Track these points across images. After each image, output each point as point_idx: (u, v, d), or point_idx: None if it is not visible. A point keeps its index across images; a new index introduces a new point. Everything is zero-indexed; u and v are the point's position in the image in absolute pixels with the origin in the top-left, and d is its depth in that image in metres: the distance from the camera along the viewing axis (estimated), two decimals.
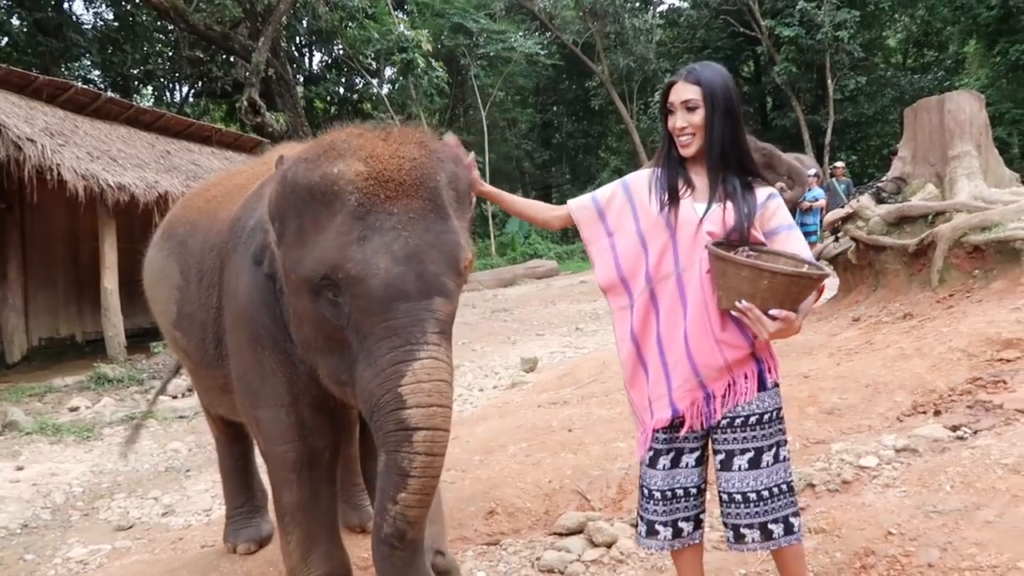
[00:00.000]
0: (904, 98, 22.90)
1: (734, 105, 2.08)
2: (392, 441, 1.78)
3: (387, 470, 1.80)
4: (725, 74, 2.12)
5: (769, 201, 2.11)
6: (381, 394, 1.78)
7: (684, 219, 2.09)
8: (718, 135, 2.06)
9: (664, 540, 2.17)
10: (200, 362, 2.78)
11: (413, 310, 1.77)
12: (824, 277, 1.95)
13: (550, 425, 4.80)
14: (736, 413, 2.07)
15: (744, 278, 1.90)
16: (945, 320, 5.33)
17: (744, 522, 2.07)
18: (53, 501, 4.87)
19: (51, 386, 8.23)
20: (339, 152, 1.89)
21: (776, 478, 2.07)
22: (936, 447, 3.41)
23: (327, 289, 1.83)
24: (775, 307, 1.88)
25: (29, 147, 8.00)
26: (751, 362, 2.08)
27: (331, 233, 1.82)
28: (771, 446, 2.08)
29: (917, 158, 7.34)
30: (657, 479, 2.15)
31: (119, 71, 22.84)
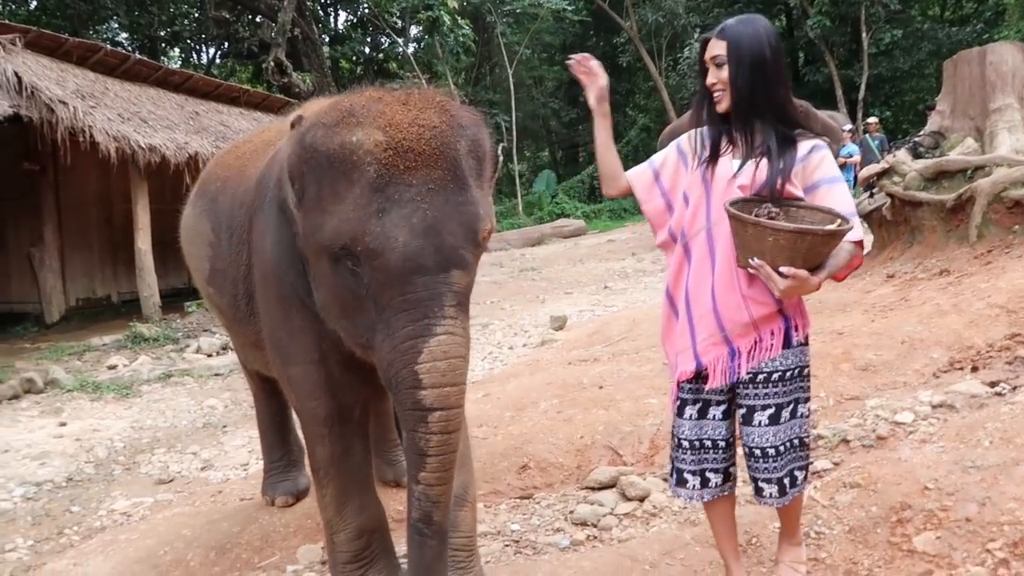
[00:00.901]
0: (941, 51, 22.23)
1: (766, 60, 2.03)
2: (410, 420, 1.82)
3: (408, 450, 1.86)
4: (760, 27, 2.06)
5: (812, 154, 2.06)
6: (399, 368, 1.80)
7: (720, 175, 2.10)
8: (745, 90, 2.03)
9: (693, 489, 2.22)
10: (233, 318, 2.82)
11: (431, 283, 1.77)
12: (833, 233, 1.89)
13: (581, 382, 4.81)
14: (759, 369, 2.08)
15: (752, 236, 1.91)
16: (983, 276, 5.23)
17: (762, 476, 2.12)
18: (96, 456, 4.99)
19: (89, 345, 8.40)
20: (358, 119, 1.84)
21: (791, 433, 2.11)
22: (974, 403, 3.38)
23: (346, 259, 1.83)
24: (784, 264, 1.88)
25: (61, 109, 8.07)
26: (778, 319, 2.08)
27: (349, 204, 1.79)
28: (790, 403, 2.10)
29: (956, 112, 7.15)
30: (685, 428, 2.21)
31: (146, 33, 22.87)
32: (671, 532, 2.83)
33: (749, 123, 2.07)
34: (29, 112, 8.07)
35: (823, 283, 1.96)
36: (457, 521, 2.37)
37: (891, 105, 24.27)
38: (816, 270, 1.92)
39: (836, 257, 1.94)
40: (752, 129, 2.07)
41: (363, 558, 2.44)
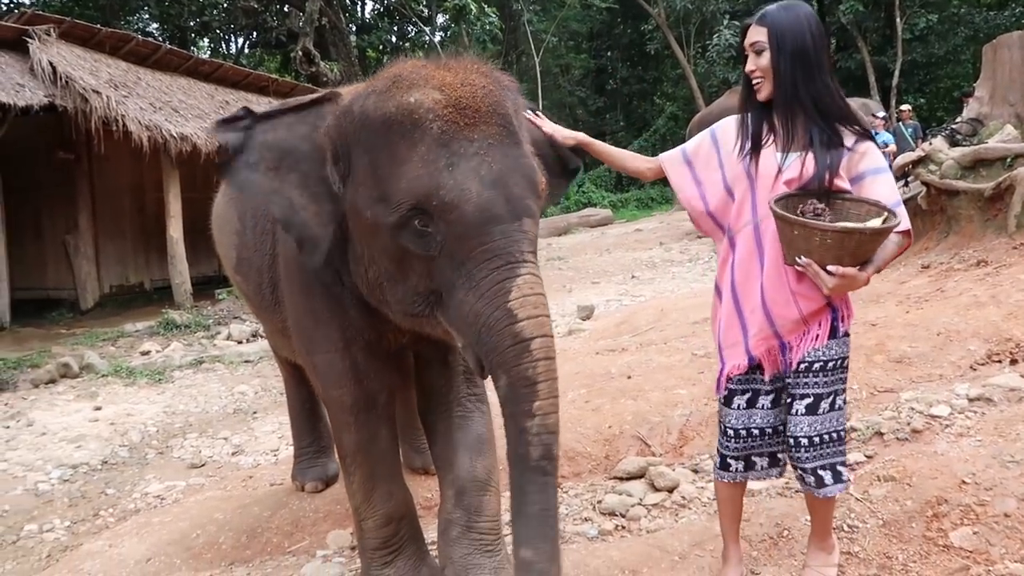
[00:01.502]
0: (978, 37, 21.72)
1: (808, 47, 1.99)
2: (511, 356, 1.76)
3: (512, 389, 1.77)
4: (803, 15, 2.02)
5: (857, 145, 2.04)
6: (490, 312, 1.77)
7: (764, 168, 2.07)
8: (787, 79, 2.00)
9: (736, 472, 2.25)
10: (260, 306, 2.86)
11: (508, 231, 1.79)
12: (880, 231, 1.87)
13: (609, 372, 4.79)
14: (802, 358, 2.08)
15: (799, 236, 1.89)
16: (1022, 267, 5.12)
17: (801, 466, 2.13)
18: (130, 440, 5.08)
19: (123, 331, 8.55)
20: (410, 82, 1.87)
21: (828, 426, 2.11)
22: (1013, 396, 3.30)
23: (416, 219, 1.81)
24: (832, 262, 1.86)
25: (95, 98, 8.18)
26: (827, 311, 2.07)
27: (416, 163, 1.80)
28: (829, 394, 2.10)
29: (996, 98, 6.99)
30: (731, 418, 2.21)
31: (176, 23, 23.09)
32: (701, 523, 2.81)
33: (791, 112, 2.03)
34: (64, 102, 8.19)
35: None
36: (482, 505, 2.40)
37: (925, 92, 23.80)
38: (864, 265, 1.91)
39: (884, 250, 1.93)
40: (794, 119, 2.03)
41: (392, 545, 2.46)
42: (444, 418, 2.51)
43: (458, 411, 2.51)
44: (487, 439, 2.52)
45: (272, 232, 2.56)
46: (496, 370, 1.80)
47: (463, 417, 2.50)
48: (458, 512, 2.39)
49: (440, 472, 2.53)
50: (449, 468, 2.46)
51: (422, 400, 2.60)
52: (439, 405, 2.53)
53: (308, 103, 2.06)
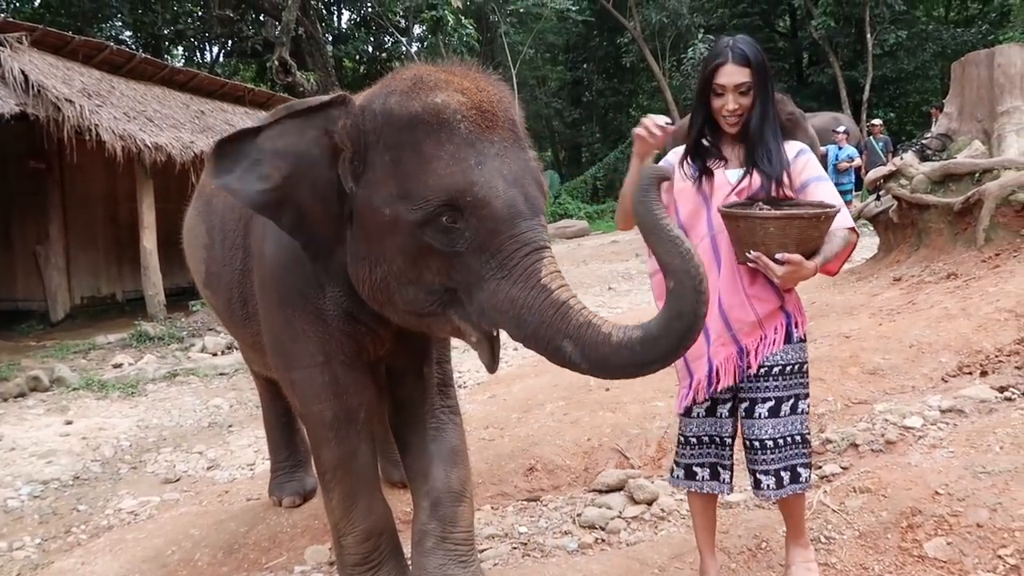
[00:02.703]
0: (946, 53, 22.17)
1: (771, 78, 2.17)
2: (559, 320, 1.79)
3: (579, 341, 1.77)
4: (758, 46, 2.17)
5: (799, 157, 2.18)
6: (526, 293, 1.82)
7: (718, 185, 2.19)
8: (760, 114, 2.12)
9: (703, 481, 2.30)
10: (230, 321, 2.85)
11: (531, 226, 1.87)
12: (819, 216, 1.97)
13: (587, 384, 4.80)
14: (761, 363, 2.17)
15: (744, 229, 2.02)
16: (991, 280, 5.22)
17: (760, 468, 2.19)
18: (102, 454, 5.00)
19: (94, 343, 8.42)
20: (433, 84, 1.93)
21: (791, 428, 2.19)
22: (983, 408, 3.36)
23: (444, 215, 1.84)
24: (778, 251, 1.96)
25: (68, 107, 8.08)
26: (780, 315, 2.18)
27: (446, 160, 1.85)
28: (790, 397, 2.19)
29: (964, 114, 7.14)
30: (692, 426, 2.29)
31: (150, 31, 22.89)
32: (680, 535, 2.82)
33: (760, 136, 2.13)
34: (35, 110, 8.08)
35: (819, 270, 2.05)
36: (457, 516, 2.41)
37: (895, 106, 24.22)
38: (811, 256, 1.99)
39: (830, 243, 2.03)
40: (752, 140, 2.14)
41: (371, 560, 2.45)
42: (417, 431, 2.51)
43: (432, 423, 2.51)
44: (461, 450, 2.53)
45: (242, 247, 2.56)
46: (553, 340, 1.80)
47: (437, 429, 2.51)
48: (433, 523, 2.39)
49: (413, 484, 2.52)
50: (423, 480, 2.45)
51: (395, 413, 2.59)
52: (412, 418, 2.53)
53: (317, 106, 2.04)
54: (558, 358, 1.82)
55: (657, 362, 1.76)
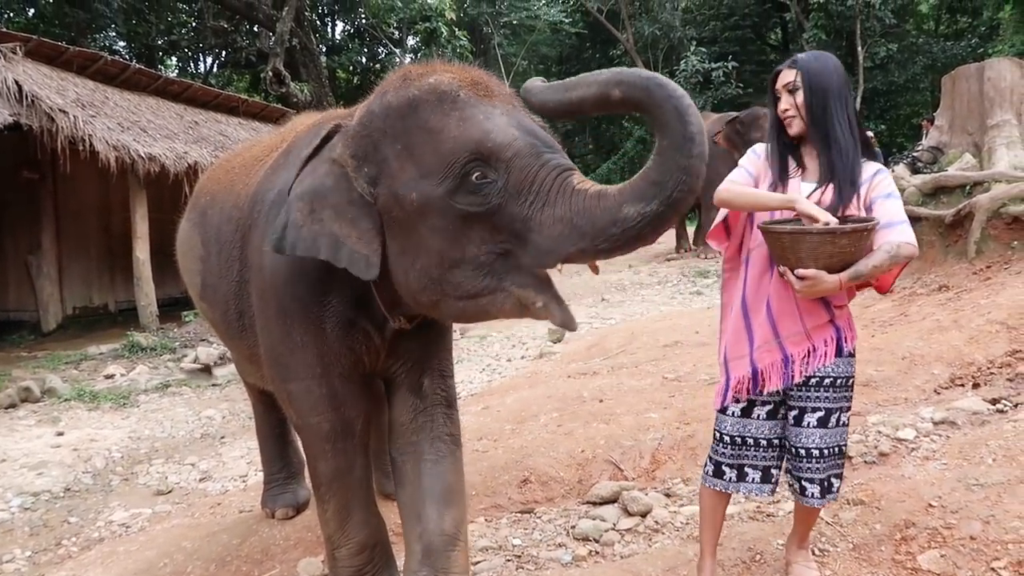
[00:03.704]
0: (936, 66, 22.37)
1: (836, 86, 2.16)
2: (604, 208, 1.76)
3: (633, 196, 1.74)
4: (829, 60, 2.21)
5: (875, 176, 2.19)
6: (569, 202, 1.80)
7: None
8: (819, 114, 2.16)
9: (728, 482, 2.35)
10: (226, 333, 2.83)
11: (554, 156, 1.88)
12: (832, 231, 1.97)
13: (581, 395, 4.81)
14: (812, 373, 2.21)
15: (769, 243, 2.09)
16: (983, 292, 5.25)
17: (806, 476, 2.25)
18: (94, 466, 4.97)
19: (86, 354, 8.38)
20: (422, 72, 2.00)
21: (836, 439, 2.25)
22: (976, 420, 3.38)
23: (473, 173, 1.84)
24: (797, 266, 2.00)
25: (61, 118, 8.06)
26: (830, 329, 2.21)
27: (454, 124, 1.87)
28: (838, 409, 2.25)
29: (955, 127, 7.19)
30: (727, 424, 2.33)
31: (144, 42, 22.90)
32: (674, 548, 2.82)
33: (819, 146, 2.17)
34: (29, 121, 8.06)
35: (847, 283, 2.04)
36: (449, 564, 2.34)
37: (886, 118, 24.36)
38: (840, 271, 2.01)
39: (868, 258, 2.01)
40: (821, 152, 2.17)
41: (365, 573, 2.45)
42: (414, 460, 2.43)
43: (430, 454, 2.42)
44: (457, 489, 2.45)
45: (239, 258, 2.55)
46: (607, 228, 1.76)
47: (435, 463, 2.42)
48: (424, 570, 2.33)
49: (406, 522, 2.44)
50: (416, 520, 2.38)
51: (393, 435, 2.50)
52: (410, 446, 2.45)
53: (318, 143, 2.10)
54: (618, 237, 1.76)
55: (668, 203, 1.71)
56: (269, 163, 2.55)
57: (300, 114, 3.29)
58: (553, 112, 1.89)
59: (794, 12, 22.83)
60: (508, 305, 1.92)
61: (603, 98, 1.76)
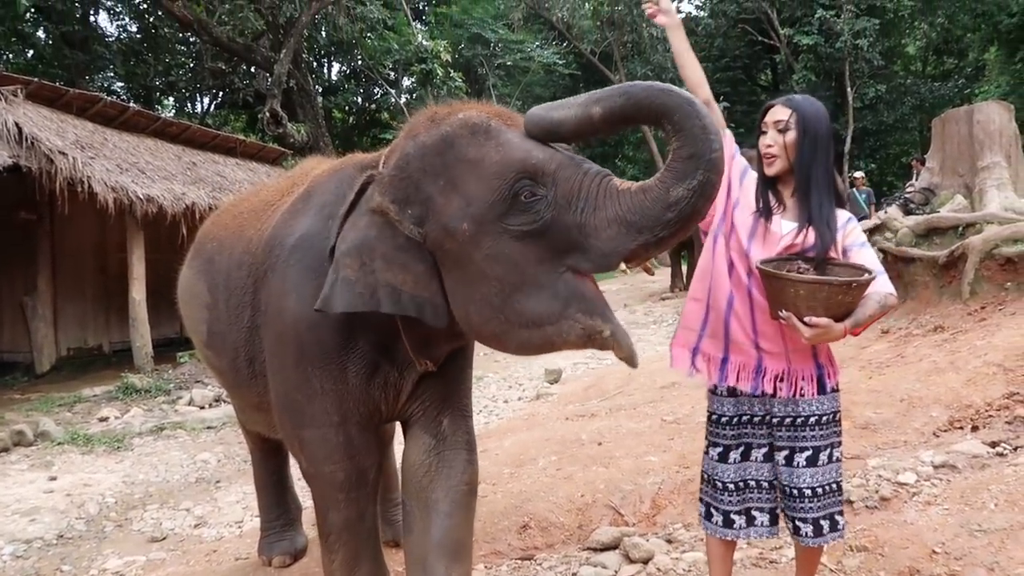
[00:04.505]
0: (924, 106, 22.77)
1: (826, 134, 2.22)
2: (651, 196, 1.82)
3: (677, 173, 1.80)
4: (820, 107, 2.26)
5: (848, 224, 2.24)
6: (617, 202, 1.85)
7: (771, 231, 2.24)
8: (807, 158, 2.19)
9: (739, 528, 2.33)
10: (234, 381, 2.79)
11: (591, 165, 1.95)
12: (850, 283, 2.00)
13: (579, 438, 4.79)
14: (797, 413, 2.22)
15: (777, 289, 2.06)
16: (978, 333, 5.28)
17: (799, 516, 2.23)
18: (87, 511, 4.91)
19: (80, 396, 8.31)
20: (448, 111, 2.07)
21: (829, 476, 2.24)
22: (976, 463, 3.38)
23: (522, 192, 1.88)
24: (808, 314, 2.00)
25: (61, 159, 8.11)
26: (811, 364, 2.22)
27: (493, 151, 1.93)
28: (827, 446, 2.24)
29: (945, 169, 7.30)
30: (729, 472, 2.32)
31: (142, 82, 23.12)
32: None
33: (805, 191, 2.20)
34: (29, 162, 8.10)
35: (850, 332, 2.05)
36: None
37: (876, 158, 24.69)
38: (842, 319, 2.02)
39: (863, 307, 2.05)
40: (807, 197, 2.20)
41: None
42: (425, 507, 2.38)
43: (444, 504, 2.37)
44: (467, 544, 2.41)
45: (251, 304, 2.53)
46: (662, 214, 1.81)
47: (448, 515, 2.36)
48: None
49: (410, 570, 2.39)
50: (421, 571, 2.34)
51: (405, 476, 2.46)
52: (423, 490, 2.39)
53: (354, 197, 2.14)
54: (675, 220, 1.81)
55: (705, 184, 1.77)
56: (285, 207, 2.53)
57: (308, 158, 3.29)
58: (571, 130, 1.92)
59: (784, 54, 23.22)
60: (574, 335, 1.90)
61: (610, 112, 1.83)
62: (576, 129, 1.89)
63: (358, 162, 2.39)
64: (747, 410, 2.29)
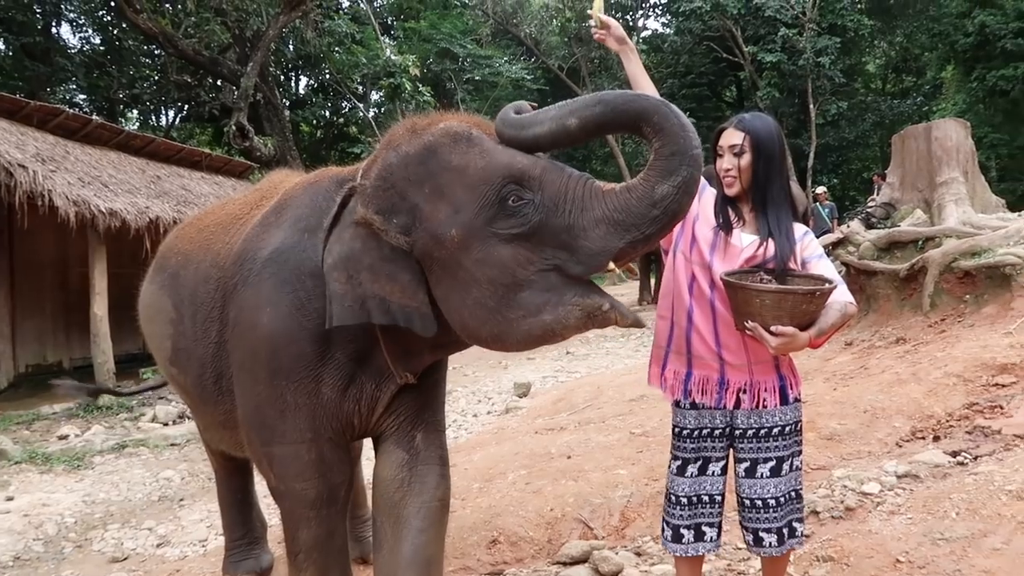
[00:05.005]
0: (884, 123, 23.31)
1: (779, 152, 2.26)
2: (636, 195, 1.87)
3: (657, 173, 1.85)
4: (772, 124, 2.29)
5: (804, 237, 2.28)
6: (603, 203, 1.89)
7: (732, 246, 2.27)
8: (762, 178, 2.23)
9: (687, 544, 2.32)
10: (199, 398, 2.72)
11: (572, 170, 1.99)
12: (813, 292, 2.03)
13: (548, 451, 4.78)
14: (760, 424, 2.24)
15: (742, 299, 2.08)
16: (939, 345, 5.38)
17: (763, 526, 2.24)
18: (45, 532, 4.78)
19: (39, 414, 8.11)
20: (428, 122, 2.08)
21: (791, 485, 2.26)
22: (937, 473, 3.44)
23: (510, 196, 1.90)
24: (773, 323, 2.01)
25: (20, 173, 7.95)
26: (773, 375, 2.25)
27: (476, 158, 1.96)
28: (789, 456, 2.26)
29: (905, 184, 7.46)
30: (685, 486, 2.31)
31: (105, 95, 22.78)
32: None
33: (762, 206, 2.24)
34: None
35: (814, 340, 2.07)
36: None
37: (838, 173, 25.18)
38: (806, 328, 2.04)
39: (826, 316, 2.07)
40: (765, 212, 2.24)
41: None
42: (396, 523, 2.35)
43: (416, 520, 2.34)
44: (437, 560, 2.39)
45: (219, 319, 2.47)
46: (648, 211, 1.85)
47: (420, 531, 2.33)
48: None
49: None
50: None
51: (376, 492, 2.42)
52: (394, 506, 2.36)
53: (336, 211, 2.14)
54: (661, 217, 1.86)
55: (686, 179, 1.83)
56: (256, 220, 2.49)
57: (274, 171, 3.24)
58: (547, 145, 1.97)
59: (748, 71, 23.62)
60: (574, 318, 1.92)
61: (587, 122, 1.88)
62: (552, 144, 1.95)
63: (334, 175, 2.37)
64: (708, 423, 2.29)
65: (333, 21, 20.61)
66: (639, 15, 28.05)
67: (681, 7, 23.02)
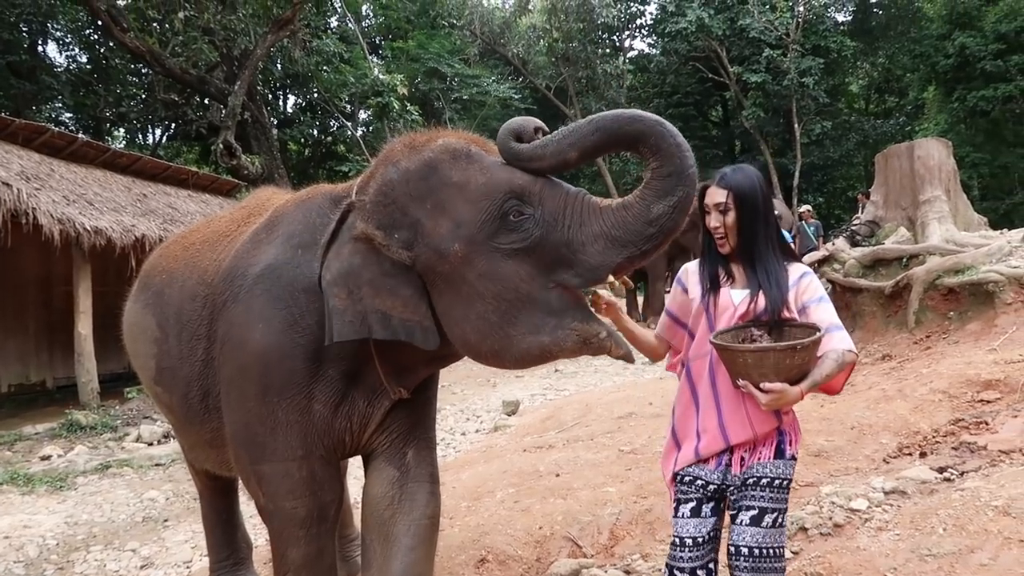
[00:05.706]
0: (868, 142, 23.55)
1: (763, 203, 2.23)
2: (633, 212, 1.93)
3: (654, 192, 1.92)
4: (752, 174, 2.26)
5: (801, 280, 2.24)
6: (601, 219, 1.94)
7: (722, 305, 2.25)
8: (749, 233, 2.21)
9: None
10: (184, 417, 2.69)
11: (569, 186, 2.05)
12: (794, 347, 1.99)
13: (537, 470, 4.77)
14: (751, 473, 2.19)
15: (728, 359, 2.08)
16: (924, 361, 5.42)
17: (736, 574, 2.17)
18: (26, 555, 4.71)
19: (21, 434, 8.02)
20: (426, 138, 2.12)
21: (770, 540, 2.17)
22: (924, 489, 3.45)
23: (511, 212, 1.94)
24: (761, 380, 2.00)
25: (4, 191, 7.91)
26: (775, 433, 2.21)
27: (477, 174, 2.00)
28: (774, 510, 2.18)
29: (889, 202, 7.53)
30: (689, 527, 2.26)
31: (91, 113, 22.70)
32: None
33: (751, 261, 2.22)
34: None
35: (810, 392, 2.04)
36: None
37: (823, 191, 25.40)
38: (799, 381, 2.01)
39: (821, 366, 2.04)
40: (749, 264, 2.22)
41: None
42: (385, 541, 2.35)
43: (406, 538, 2.33)
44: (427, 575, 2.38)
45: (206, 336, 2.46)
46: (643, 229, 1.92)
47: (410, 549, 2.33)
48: None
49: None
50: None
51: (365, 509, 2.41)
52: (384, 523, 2.36)
53: (334, 228, 2.15)
54: (656, 234, 1.93)
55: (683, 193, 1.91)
56: (245, 237, 2.48)
57: (259, 188, 3.22)
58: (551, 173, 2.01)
59: (734, 91, 23.84)
60: (571, 342, 1.97)
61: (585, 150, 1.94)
62: (554, 172, 2.01)
63: (327, 192, 2.37)
64: (705, 477, 2.26)
65: (321, 41, 20.67)
66: (626, 36, 28.26)
67: (667, 28, 23.22)
